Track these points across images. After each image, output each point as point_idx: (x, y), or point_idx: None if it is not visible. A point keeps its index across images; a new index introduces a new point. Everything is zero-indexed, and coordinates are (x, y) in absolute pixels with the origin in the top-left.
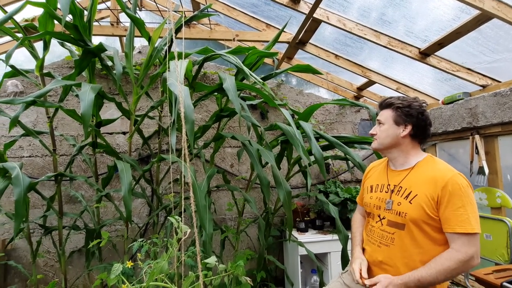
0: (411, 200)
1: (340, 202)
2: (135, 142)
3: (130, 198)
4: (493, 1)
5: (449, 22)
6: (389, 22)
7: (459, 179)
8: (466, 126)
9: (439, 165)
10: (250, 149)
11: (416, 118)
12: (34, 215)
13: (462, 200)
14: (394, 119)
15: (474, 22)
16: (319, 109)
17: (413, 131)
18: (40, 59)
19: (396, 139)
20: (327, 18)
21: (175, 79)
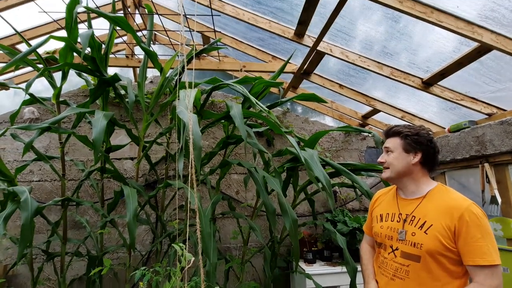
0: (426, 230)
1: (349, 232)
2: (142, 168)
3: (135, 224)
4: (491, 34)
5: (449, 54)
6: (391, 54)
7: (475, 209)
8: (475, 154)
9: (453, 194)
10: (256, 176)
11: (425, 146)
12: (38, 240)
13: (481, 231)
14: (403, 147)
15: (474, 53)
16: (325, 137)
17: (423, 158)
18: (57, 88)
19: (407, 166)
20: (331, 51)
21: (185, 107)
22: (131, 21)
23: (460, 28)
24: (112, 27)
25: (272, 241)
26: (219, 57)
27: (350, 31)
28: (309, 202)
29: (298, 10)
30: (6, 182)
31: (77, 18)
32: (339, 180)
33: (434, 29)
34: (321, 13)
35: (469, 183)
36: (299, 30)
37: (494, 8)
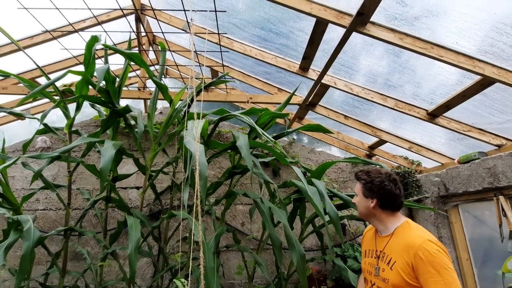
0: (392, 266)
1: (360, 269)
2: (147, 197)
3: (137, 256)
4: (492, 67)
5: (453, 86)
6: (394, 87)
7: (428, 246)
8: (488, 187)
9: (412, 231)
10: (262, 207)
11: (377, 193)
12: (36, 272)
13: (435, 267)
14: (362, 192)
15: (477, 86)
16: (332, 167)
17: (379, 202)
18: (71, 119)
19: (368, 209)
20: (335, 84)
21: (192, 138)
22: (145, 57)
23: (461, 62)
24: (127, 62)
25: (278, 277)
26: (226, 89)
27: (353, 65)
28: (317, 235)
29: (303, 46)
30: (12, 211)
31: (95, 54)
32: (347, 212)
33: (436, 63)
34: (324, 49)
35: (484, 216)
36: (304, 64)
37: (493, 43)
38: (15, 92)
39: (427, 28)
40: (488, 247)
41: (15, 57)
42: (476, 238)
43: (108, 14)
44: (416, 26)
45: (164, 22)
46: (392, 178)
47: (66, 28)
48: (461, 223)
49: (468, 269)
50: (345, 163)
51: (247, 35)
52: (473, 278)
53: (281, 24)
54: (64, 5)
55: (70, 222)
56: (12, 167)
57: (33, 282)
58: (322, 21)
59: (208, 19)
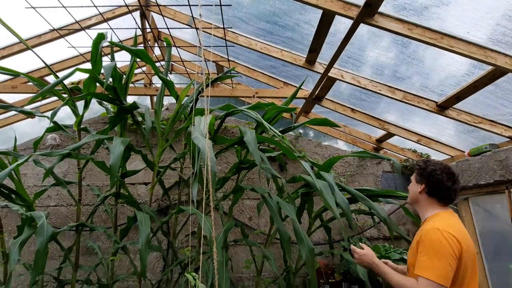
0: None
1: None
2: (155, 192)
3: (147, 251)
4: (505, 57)
5: (463, 77)
6: (402, 78)
7: (433, 232)
8: (499, 179)
9: (435, 220)
10: (270, 202)
11: (426, 179)
12: (49, 266)
13: (425, 249)
14: (415, 178)
15: (489, 76)
16: (339, 161)
17: (427, 188)
18: (79, 116)
19: (415, 194)
20: (342, 77)
21: (200, 133)
22: (151, 53)
23: (473, 52)
24: (133, 59)
25: (287, 271)
26: (232, 84)
27: (360, 57)
28: (325, 230)
29: (309, 39)
30: (25, 207)
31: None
32: (355, 206)
33: (445, 53)
34: (331, 42)
35: (495, 209)
36: (310, 57)
37: (505, 32)
38: (25, 91)
39: (437, 18)
40: (500, 241)
41: (24, 56)
42: (486, 232)
43: (114, 11)
44: (425, 16)
45: (169, 18)
46: (449, 172)
47: (72, 26)
48: (471, 217)
49: (479, 264)
50: (352, 157)
51: (252, 29)
52: (483, 272)
53: (286, 17)
54: (70, 3)
55: (81, 218)
56: (24, 164)
57: (47, 276)
58: (329, 12)
59: (213, 14)
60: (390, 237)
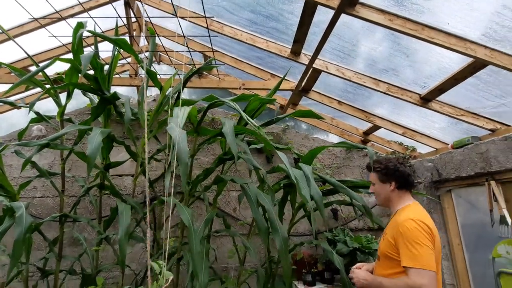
0: (384, 238)
1: (349, 253)
2: (142, 184)
3: (126, 241)
4: (485, 49)
5: (446, 69)
6: (386, 70)
7: (408, 223)
8: (480, 172)
9: (406, 212)
10: (249, 193)
11: (394, 176)
12: (36, 257)
13: (408, 241)
14: (379, 179)
15: (469, 69)
16: (326, 153)
17: (397, 184)
18: (62, 107)
19: (387, 194)
20: (326, 68)
21: (176, 124)
22: (136, 44)
23: (453, 44)
24: (116, 49)
25: (270, 261)
26: (219, 76)
27: (345, 49)
28: (309, 220)
29: (293, 29)
30: (8, 198)
31: (83, 41)
32: (340, 197)
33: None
34: (315, 32)
35: (478, 202)
36: (295, 48)
37: (487, 25)
38: (8, 81)
39: (418, 11)
40: (481, 232)
41: (7, 46)
42: (469, 223)
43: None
44: (407, 7)
45: (153, 7)
46: (403, 161)
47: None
48: (453, 208)
49: (459, 254)
50: (339, 149)
51: (237, 19)
52: (464, 263)
53: (270, 6)
54: None
55: (66, 209)
56: (9, 155)
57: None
58: (311, 2)
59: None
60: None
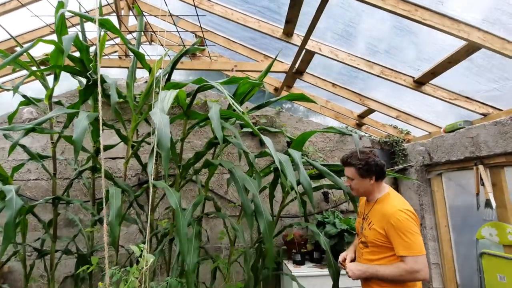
0: (370, 227)
1: (337, 234)
2: (135, 167)
3: (118, 223)
4: (478, 31)
5: (439, 52)
6: (380, 53)
7: (398, 214)
8: (469, 156)
9: (390, 201)
10: (236, 177)
11: (374, 170)
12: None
13: (401, 231)
14: (359, 175)
15: (463, 52)
16: (319, 137)
17: (376, 177)
18: (49, 89)
19: (368, 187)
20: (320, 49)
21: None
22: (124, 24)
23: (446, 26)
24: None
25: (260, 241)
26: (210, 57)
27: (340, 30)
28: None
29: (285, 8)
30: (1, 181)
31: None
32: None
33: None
34: (308, 12)
35: (469, 185)
36: (287, 29)
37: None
38: None
39: None
40: (468, 215)
41: None
42: (457, 206)
43: None
44: None
45: None
46: (375, 153)
47: None
48: (442, 192)
49: (446, 235)
50: (333, 133)
51: None
52: (449, 243)
53: None
54: None
55: (60, 191)
56: (1, 139)
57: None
58: None
59: None
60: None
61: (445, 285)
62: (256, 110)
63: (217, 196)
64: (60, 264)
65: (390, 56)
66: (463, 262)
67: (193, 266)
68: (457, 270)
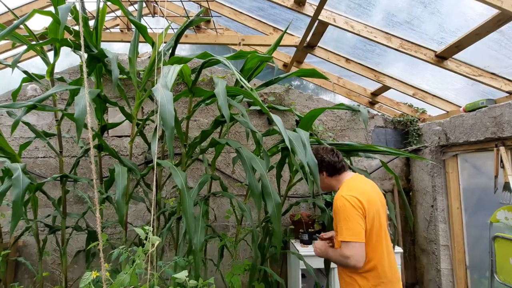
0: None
1: None
2: (142, 145)
3: (124, 202)
4: None
5: (466, 23)
6: (400, 23)
7: (338, 201)
8: (490, 137)
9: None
10: (244, 157)
11: (323, 166)
12: (46, 213)
13: (337, 217)
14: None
15: (493, 22)
16: (329, 115)
17: (327, 173)
18: (50, 65)
19: (324, 183)
20: (334, 20)
21: (164, 85)
22: None
23: None
24: None
25: (267, 221)
26: (216, 30)
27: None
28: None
29: None
30: (8, 159)
31: None
32: None
33: None
34: None
35: (486, 167)
36: None
37: None
38: None
39: None
40: (482, 197)
41: None
42: (471, 188)
43: None
44: None
45: None
46: (328, 149)
47: None
48: (457, 173)
49: (457, 217)
50: (344, 111)
51: None
52: (461, 225)
53: None
54: None
55: (67, 169)
56: (7, 117)
57: None
58: None
59: None
60: None
61: (454, 266)
62: (264, 87)
63: (224, 175)
64: (72, 239)
65: (411, 28)
66: (473, 245)
67: (200, 245)
68: (467, 252)
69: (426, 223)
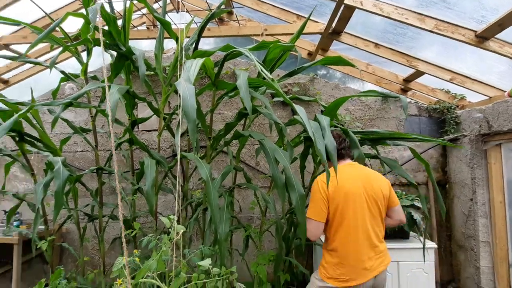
0: None
1: None
2: (169, 139)
3: (153, 193)
4: None
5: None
6: (435, 2)
7: (312, 184)
8: None
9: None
10: (267, 149)
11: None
12: (86, 203)
13: (310, 197)
14: None
15: None
16: (358, 105)
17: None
18: (84, 64)
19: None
20: (361, 4)
21: (186, 78)
22: None
23: None
24: None
25: (291, 212)
26: (238, 21)
27: None
28: None
29: None
30: (51, 153)
31: None
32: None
33: None
34: None
35: None
36: None
37: None
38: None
39: None
40: None
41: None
42: None
43: None
44: None
45: None
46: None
47: None
48: (501, 164)
49: (500, 211)
50: (373, 99)
51: None
52: (504, 220)
53: None
54: None
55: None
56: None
57: None
58: None
59: None
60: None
61: (495, 264)
62: (287, 77)
63: (248, 167)
64: (108, 227)
65: (447, 7)
66: None
67: (225, 235)
68: (510, 249)
69: (465, 217)
